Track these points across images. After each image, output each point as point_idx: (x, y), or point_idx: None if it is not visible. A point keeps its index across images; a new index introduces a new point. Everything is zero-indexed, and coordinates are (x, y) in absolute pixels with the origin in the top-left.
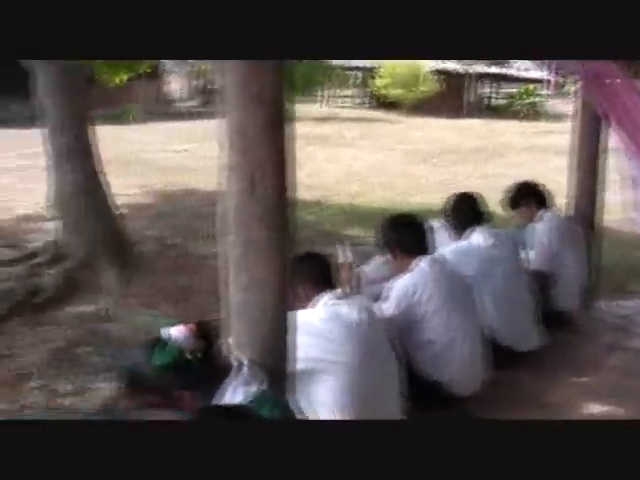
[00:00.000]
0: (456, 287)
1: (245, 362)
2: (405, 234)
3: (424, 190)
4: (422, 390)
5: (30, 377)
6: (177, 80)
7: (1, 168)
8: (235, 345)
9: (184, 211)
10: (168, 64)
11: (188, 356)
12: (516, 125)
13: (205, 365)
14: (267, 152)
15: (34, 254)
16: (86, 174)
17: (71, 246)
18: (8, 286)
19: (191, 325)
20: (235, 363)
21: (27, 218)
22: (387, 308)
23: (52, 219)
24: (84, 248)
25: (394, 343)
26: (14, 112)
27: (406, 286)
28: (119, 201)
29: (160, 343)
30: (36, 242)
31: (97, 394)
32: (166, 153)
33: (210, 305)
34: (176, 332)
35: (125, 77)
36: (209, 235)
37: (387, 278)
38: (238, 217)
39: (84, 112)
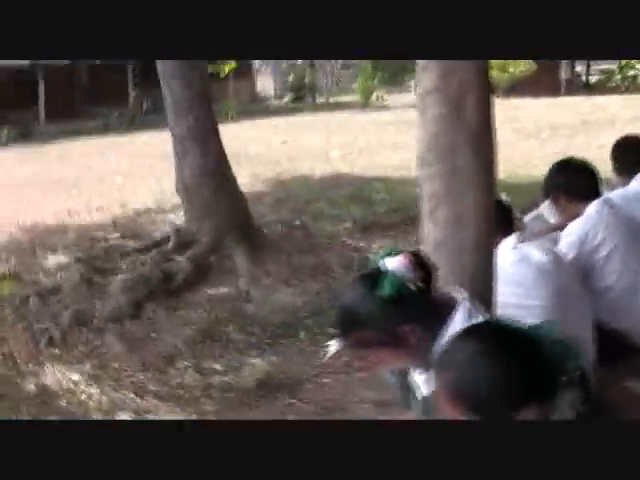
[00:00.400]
0: (632, 231)
1: (465, 295)
2: (575, 178)
3: (540, 163)
4: (600, 339)
5: (177, 358)
6: (268, 78)
7: (111, 169)
8: None
9: (300, 196)
10: (258, 63)
11: (411, 287)
12: (618, 99)
13: (425, 297)
14: (472, 73)
15: (159, 242)
16: (214, 156)
17: (201, 230)
18: (142, 272)
19: (408, 255)
20: (457, 295)
21: (145, 212)
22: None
23: (168, 211)
24: (214, 231)
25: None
26: (112, 118)
27: (579, 234)
28: None
29: (381, 275)
30: (156, 232)
31: (251, 370)
32: (269, 145)
33: (349, 277)
34: (396, 263)
35: (233, 67)
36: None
37: (550, 229)
38: (442, 144)
39: (207, 91)
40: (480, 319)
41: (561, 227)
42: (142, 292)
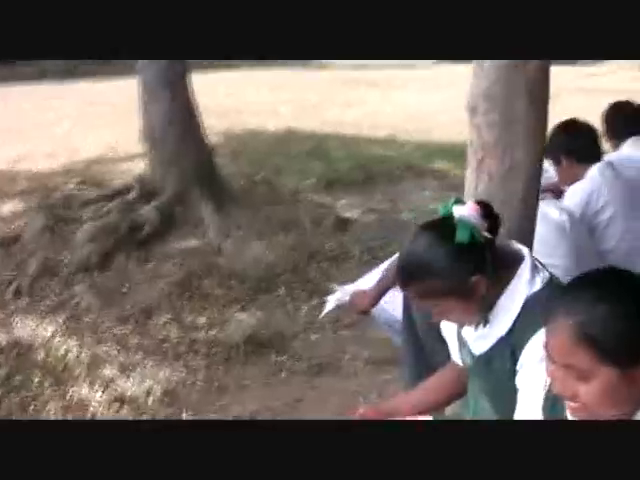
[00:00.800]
0: (634, 193)
1: (528, 250)
2: (577, 140)
3: None
4: None
5: (156, 312)
6: None
7: (57, 117)
8: None
9: (256, 150)
10: None
11: (485, 235)
12: (554, 70)
13: (493, 248)
14: None
15: (121, 191)
16: (182, 103)
17: (166, 179)
18: (108, 221)
19: (477, 203)
20: (522, 250)
21: (99, 160)
22: None
23: (123, 159)
24: (180, 180)
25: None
26: (48, 66)
27: (582, 195)
28: None
29: (452, 223)
30: (115, 181)
31: (237, 325)
32: (215, 98)
33: (320, 232)
34: (467, 211)
35: None
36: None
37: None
38: (498, 93)
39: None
40: (543, 275)
41: (551, 189)
42: (109, 242)
